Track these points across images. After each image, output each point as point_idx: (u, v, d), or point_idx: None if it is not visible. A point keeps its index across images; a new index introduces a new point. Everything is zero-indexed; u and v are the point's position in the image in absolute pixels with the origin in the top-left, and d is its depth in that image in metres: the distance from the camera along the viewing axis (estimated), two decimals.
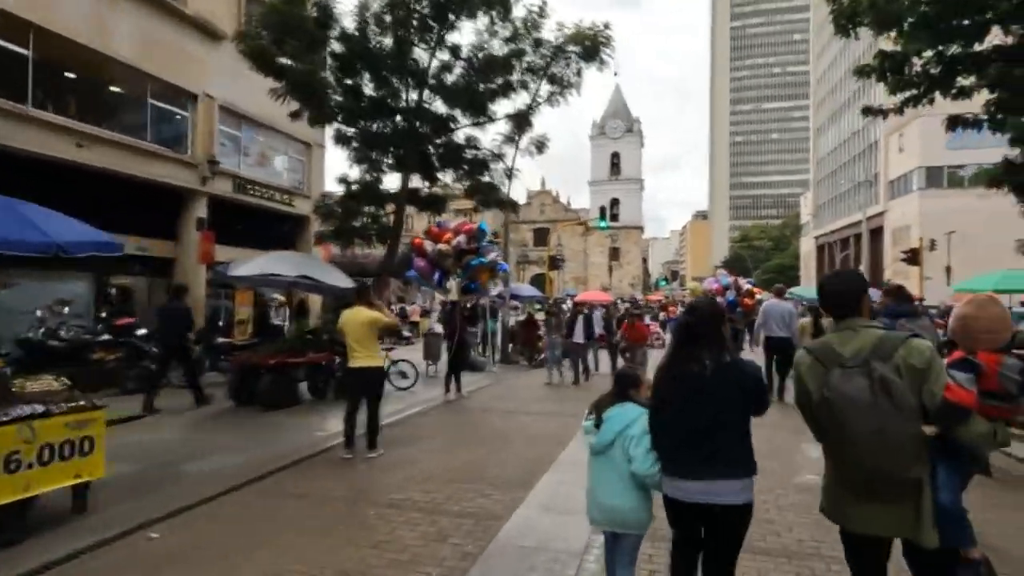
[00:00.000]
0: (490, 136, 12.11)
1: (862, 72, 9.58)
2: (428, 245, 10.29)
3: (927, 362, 2.00)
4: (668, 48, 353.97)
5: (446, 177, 12.13)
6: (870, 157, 51.91)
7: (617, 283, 64.25)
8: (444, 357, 10.53)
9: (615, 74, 79.18)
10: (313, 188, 17.57)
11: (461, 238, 10.22)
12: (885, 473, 1.97)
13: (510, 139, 11.86)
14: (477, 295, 10.55)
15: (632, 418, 2.69)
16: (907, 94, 8.96)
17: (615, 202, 68.01)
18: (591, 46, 10.72)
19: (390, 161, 11.20)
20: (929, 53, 8.72)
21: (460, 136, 11.81)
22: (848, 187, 55.40)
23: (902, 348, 2.03)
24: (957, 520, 2.72)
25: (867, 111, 9.62)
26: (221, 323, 13.23)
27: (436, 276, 10.19)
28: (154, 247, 12.75)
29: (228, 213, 14.35)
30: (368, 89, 10.84)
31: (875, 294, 15.84)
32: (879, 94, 49.82)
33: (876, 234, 47.20)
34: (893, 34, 8.81)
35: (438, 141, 11.47)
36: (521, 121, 11.62)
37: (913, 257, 21.07)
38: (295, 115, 10.90)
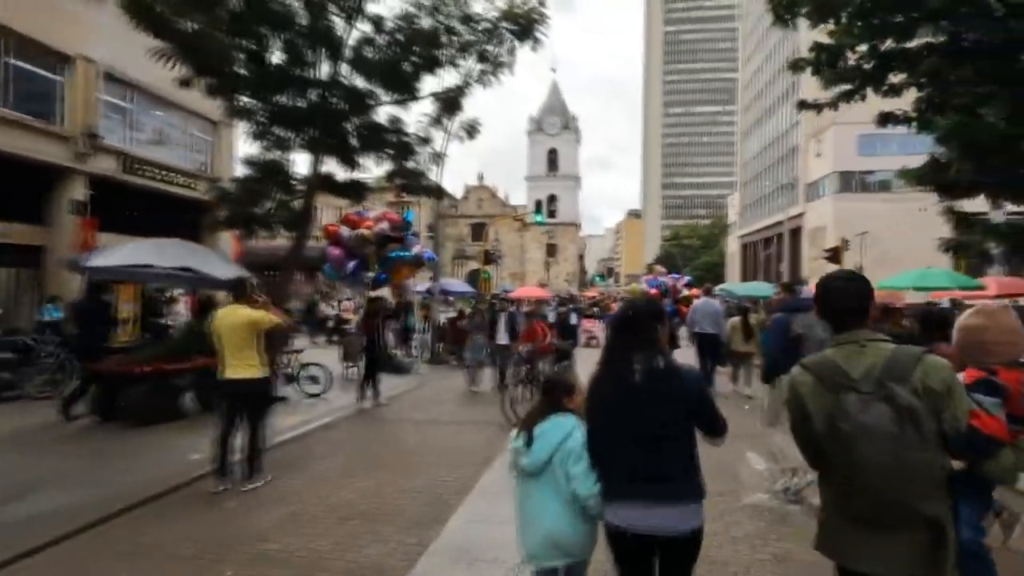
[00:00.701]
0: (415, 117, 10.95)
1: (797, 66, 9.41)
2: (344, 231, 9.18)
3: (947, 384, 1.73)
4: (602, 51, 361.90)
5: (367, 162, 10.98)
6: (791, 161, 54.64)
7: (554, 279, 64.52)
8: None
9: (552, 70, 78.85)
10: (223, 171, 15.82)
11: (384, 225, 9.19)
12: (906, 506, 1.70)
13: (437, 121, 10.88)
14: (401, 291, 9.52)
15: (569, 430, 2.37)
16: (841, 88, 8.82)
17: (552, 198, 68.17)
18: (525, 23, 9.93)
19: (299, 140, 9.94)
20: (863, 48, 8.60)
21: (383, 117, 10.71)
22: (771, 189, 58.18)
23: (919, 368, 1.72)
24: (980, 560, 2.46)
25: (802, 105, 9.45)
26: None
27: (351, 265, 9.09)
28: (16, 233, 10.84)
29: (115, 197, 12.52)
30: (274, 57, 9.53)
31: (805, 292, 15.86)
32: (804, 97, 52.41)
33: (796, 234, 49.74)
34: (829, 27, 8.65)
35: (357, 121, 10.31)
36: (450, 102, 10.67)
37: (834, 256, 22.02)
38: (185, 83, 9.44)
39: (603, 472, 2.23)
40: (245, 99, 9.71)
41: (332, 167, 10.82)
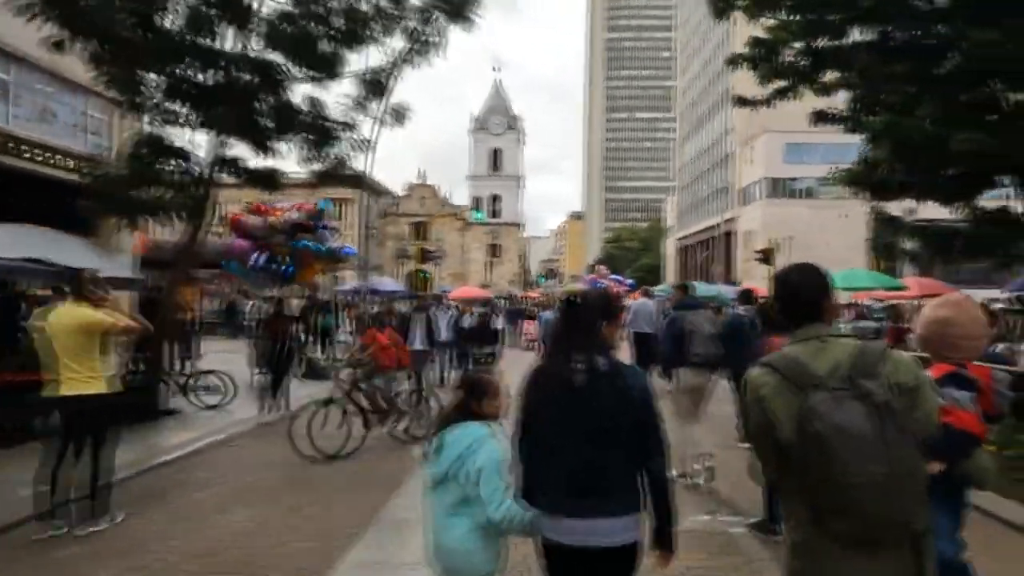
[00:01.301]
0: (336, 98, 9.93)
1: (734, 61, 9.25)
2: (250, 219, 8.15)
3: (917, 379, 1.65)
4: (547, 55, 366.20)
5: (281, 146, 9.92)
6: (725, 167, 56.73)
7: (497, 280, 64.07)
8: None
9: (495, 69, 78.95)
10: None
11: (296, 214, 8.24)
12: (898, 521, 1.53)
13: (362, 105, 9.97)
14: (313, 288, 8.56)
15: (473, 442, 2.10)
16: (777, 85, 8.71)
17: (496, 198, 67.71)
18: (458, 2, 9.23)
19: (198, 118, 8.79)
20: (799, 45, 8.51)
21: (301, 98, 9.70)
22: (706, 194, 60.21)
23: (888, 363, 1.62)
24: (960, 573, 2.29)
25: (739, 101, 9.29)
26: None
27: (257, 258, 8.08)
28: None
29: None
30: (169, 22, 8.37)
31: (729, 290, 15.99)
32: (738, 109, 54.56)
33: (729, 237, 51.62)
34: (767, 22, 8.53)
35: (270, 100, 9.26)
36: (375, 85, 9.81)
37: (766, 257, 22.79)
38: (58, 45, 8.12)
39: (536, 481, 2.01)
40: (139, 72, 8.49)
41: (244, 152, 9.73)
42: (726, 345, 8.62)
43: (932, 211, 9.63)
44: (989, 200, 8.62)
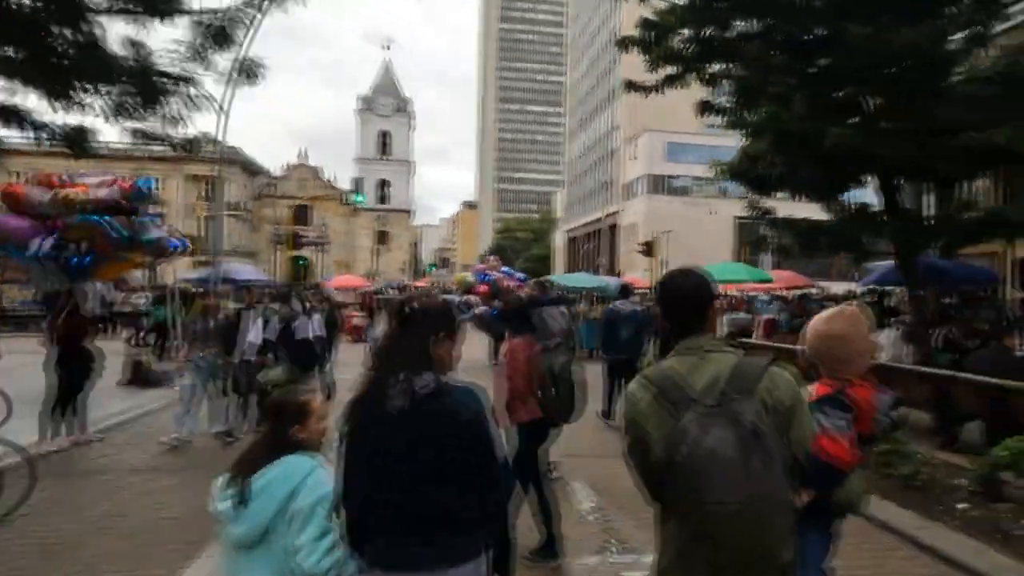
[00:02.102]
0: (166, 44, 8.06)
1: (623, 44, 8.90)
2: (34, 193, 6.28)
3: (794, 399, 1.58)
4: (442, 43, 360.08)
5: (89, 99, 7.89)
6: (610, 163, 59.04)
7: (385, 268, 61.60)
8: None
9: (386, 47, 75.65)
10: None
11: (107, 191, 6.48)
12: (758, 555, 1.46)
13: (199, 55, 8.21)
14: (122, 283, 6.81)
15: (301, 478, 1.75)
16: (666, 72, 8.48)
17: (384, 183, 64.89)
18: None
19: None
20: (687, 32, 8.32)
21: (115, 40, 7.75)
22: (592, 188, 62.35)
23: (765, 379, 1.54)
24: None
25: (629, 85, 8.97)
26: None
27: (42, 243, 6.24)
28: None
29: None
30: None
31: (614, 282, 16.05)
32: (623, 107, 56.98)
33: (613, 230, 53.86)
34: (658, 5, 8.25)
35: (67, 34, 7.27)
36: (217, 32, 8.12)
37: (648, 249, 23.69)
38: None
39: (355, 527, 1.66)
40: None
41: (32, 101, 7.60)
42: (604, 337, 8.57)
43: (792, 207, 10.08)
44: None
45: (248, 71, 8.87)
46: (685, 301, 1.68)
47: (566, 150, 77.71)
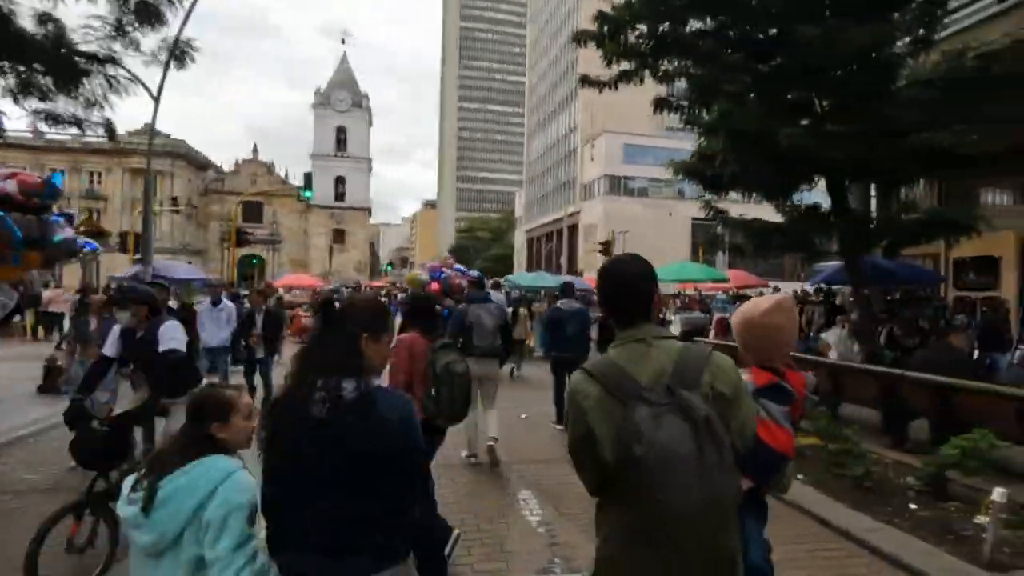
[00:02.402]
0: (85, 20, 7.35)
1: (579, 38, 8.75)
2: None
3: (736, 387, 1.55)
4: (404, 41, 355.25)
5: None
6: (569, 163, 59.37)
7: (341, 267, 60.08)
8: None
9: (342, 41, 73.41)
10: None
11: (6, 185, 5.76)
12: (712, 553, 1.43)
13: (121, 32, 7.56)
14: (28, 283, 6.08)
15: (215, 484, 1.59)
16: (622, 67, 8.36)
17: (341, 180, 63.28)
18: None
19: None
20: (642, 28, 8.21)
21: (27, 15, 7.01)
22: (552, 188, 62.55)
23: (707, 369, 1.52)
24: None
25: (584, 80, 8.80)
26: None
27: None
28: None
29: None
30: None
31: (579, 282, 15.91)
32: (582, 108, 57.36)
33: (573, 230, 54.14)
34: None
35: None
36: (143, 8, 7.49)
37: (606, 249, 23.83)
38: None
39: (278, 541, 1.59)
40: None
41: None
42: (549, 336, 8.63)
43: (745, 208, 10.17)
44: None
45: (180, 54, 8.29)
46: (630, 288, 1.62)
47: (526, 150, 77.72)
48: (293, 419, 1.57)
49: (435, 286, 11.15)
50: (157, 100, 10.20)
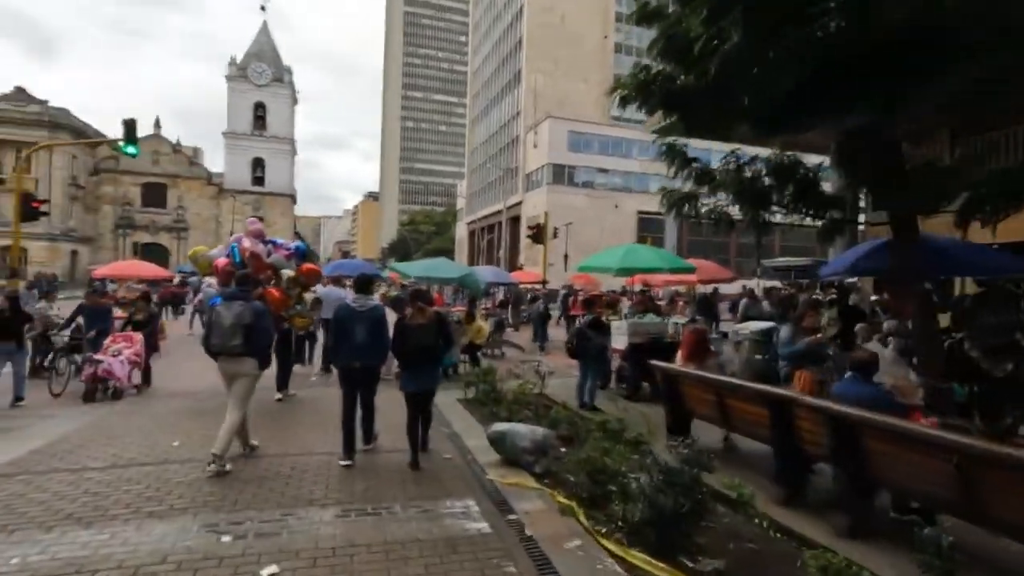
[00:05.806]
0: None
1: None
2: None
3: None
4: (346, 29, 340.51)
5: None
6: (512, 151, 55.58)
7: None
8: None
9: (262, 8, 65.24)
10: None
11: None
12: None
13: None
14: None
15: None
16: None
17: (259, 163, 57.00)
18: None
19: None
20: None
21: None
22: (494, 178, 58.59)
23: None
24: None
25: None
26: None
27: None
28: None
29: None
30: None
31: (486, 272, 11.49)
32: (527, 91, 53.63)
33: (515, 222, 50.39)
34: None
35: None
36: None
37: (537, 235, 20.00)
38: None
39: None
40: None
41: None
42: (333, 343, 5.74)
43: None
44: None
45: None
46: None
47: (468, 138, 73.35)
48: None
49: (224, 261, 7.00)
50: None
